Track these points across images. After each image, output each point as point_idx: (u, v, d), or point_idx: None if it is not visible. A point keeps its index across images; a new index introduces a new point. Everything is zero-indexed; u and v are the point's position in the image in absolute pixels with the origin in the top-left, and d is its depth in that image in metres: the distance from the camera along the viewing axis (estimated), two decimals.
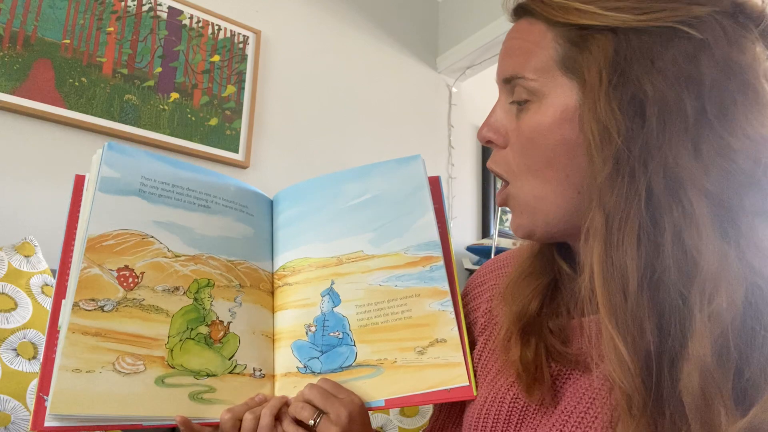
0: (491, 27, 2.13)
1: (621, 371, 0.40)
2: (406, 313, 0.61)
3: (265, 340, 0.64)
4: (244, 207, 0.68)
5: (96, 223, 0.57)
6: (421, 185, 0.67)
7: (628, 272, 0.41)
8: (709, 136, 0.41)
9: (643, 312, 0.40)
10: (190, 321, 0.59)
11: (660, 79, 0.42)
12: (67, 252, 0.58)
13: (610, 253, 0.42)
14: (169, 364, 0.56)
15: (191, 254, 0.62)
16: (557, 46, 0.47)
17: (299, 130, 1.91)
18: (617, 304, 0.41)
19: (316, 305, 0.63)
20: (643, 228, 0.41)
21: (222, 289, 0.62)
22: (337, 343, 0.61)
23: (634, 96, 0.43)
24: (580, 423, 0.47)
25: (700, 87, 0.42)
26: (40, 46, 1.44)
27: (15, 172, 1.38)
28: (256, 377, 0.61)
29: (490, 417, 0.53)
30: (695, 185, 0.40)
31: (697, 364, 0.38)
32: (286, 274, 0.67)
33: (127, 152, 0.62)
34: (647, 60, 0.43)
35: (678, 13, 0.43)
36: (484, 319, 0.62)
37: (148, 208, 0.61)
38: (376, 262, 0.64)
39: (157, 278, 0.59)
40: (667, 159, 0.41)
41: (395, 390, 0.58)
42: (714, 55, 0.42)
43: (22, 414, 0.92)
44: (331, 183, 0.69)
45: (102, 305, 0.55)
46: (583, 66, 0.45)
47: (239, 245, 0.66)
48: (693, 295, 0.39)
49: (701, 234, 0.39)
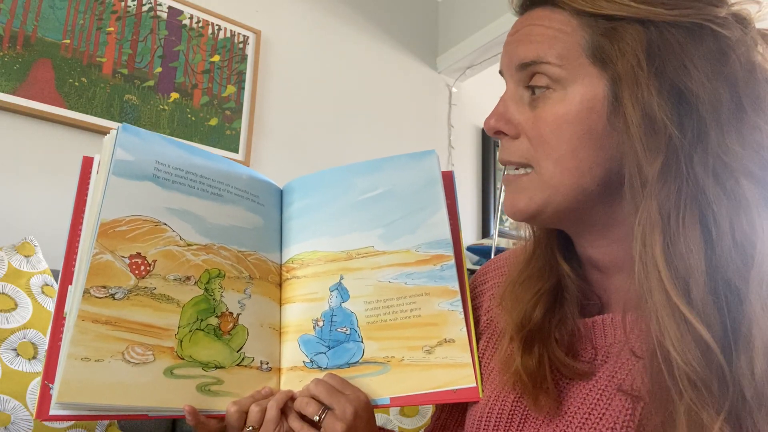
0: (491, 27, 2.13)
1: (694, 354, 0.39)
2: (415, 311, 0.61)
3: (272, 333, 0.63)
4: (256, 197, 0.67)
5: (109, 208, 0.56)
6: (435, 181, 0.66)
7: (694, 259, 0.41)
8: (748, 127, 0.42)
9: (711, 296, 0.40)
10: (201, 312, 0.58)
11: (696, 72, 0.43)
12: (73, 237, 0.57)
13: (672, 242, 0.41)
14: (178, 355, 0.56)
15: (203, 243, 0.61)
16: (585, 35, 0.46)
17: (299, 130, 1.91)
18: (688, 288, 0.40)
19: (324, 300, 0.63)
20: (703, 218, 0.41)
21: (232, 280, 0.62)
22: (345, 339, 0.61)
23: (674, 87, 0.43)
24: (582, 426, 0.47)
25: (733, 81, 0.43)
26: (40, 46, 1.44)
27: (15, 172, 1.38)
28: (263, 370, 0.61)
29: (492, 417, 0.53)
30: (746, 172, 0.41)
31: (761, 347, 0.38)
32: (295, 267, 0.66)
33: (141, 135, 0.60)
34: (682, 54, 0.43)
35: (704, 12, 0.44)
36: (486, 317, 0.62)
37: (162, 195, 0.59)
38: (387, 258, 0.63)
39: (169, 267, 0.58)
40: (717, 148, 0.42)
41: (401, 388, 0.58)
42: (738, 54, 0.43)
43: (22, 414, 0.92)
44: (342, 176, 0.68)
45: (113, 293, 0.54)
46: (615, 56, 0.45)
47: (250, 236, 0.65)
48: (752, 281, 0.39)
49: (754, 220, 0.40)
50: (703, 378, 0.38)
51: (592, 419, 0.47)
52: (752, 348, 0.38)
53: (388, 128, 2.15)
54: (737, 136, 0.42)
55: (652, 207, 0.42)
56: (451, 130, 2.35)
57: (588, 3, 0.46)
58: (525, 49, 0.48)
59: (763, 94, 0.43)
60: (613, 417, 0.45)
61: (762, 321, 0.38)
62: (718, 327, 0.39)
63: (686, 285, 0.40)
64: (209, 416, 0.56)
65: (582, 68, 0.46)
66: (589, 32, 0.46)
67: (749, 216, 0.40)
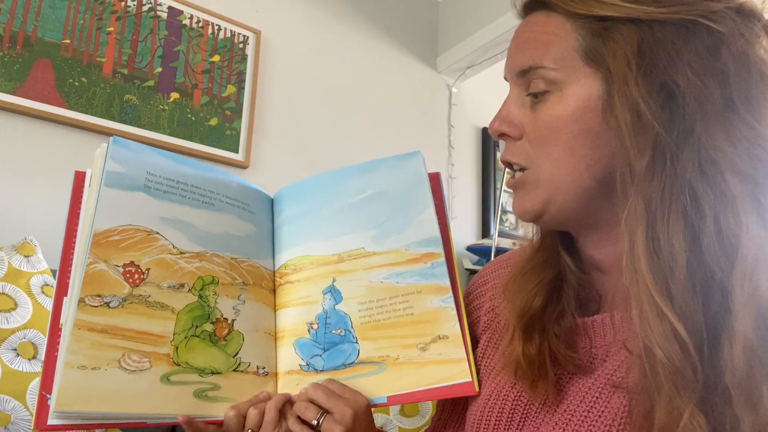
0: (491, 27, 2.13)
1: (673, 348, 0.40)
2: (408, 309, 0.61)
3: (267, 338, 0.64)
4: (247, 205, 0.68)
5: (102, 218, 0.57)
6: (421, 181, 0.67)
7: (676, 253, 0.41)
8: (738, 123, 0.42)
9: (690, 291, 0.41)
10: (195, 318, 0.59)
11: (687, 69, 0.43)
12: (67, 249, 0.58)
13: (655, 236, 0.42)
14: (174, 362, 0.56)
15: (196, 251, 0.62)
16: (578, 37, 0.47)
17: (299, 130, 1.91)
18: (667, 283, 0.41)
19: (318, 303, 0.63)
20: (687, 212, 0.42)
21: (226, 287, 0.62)
22: (339, 341, 0.61)
23: (663, 85, 0.44)
24: (582, 422, 0.47)
25: (725, 78, 0.43)
26: (40, 46, 1.44)
27: (15, 172, 1.38)
28: (259, 375, 0.61)
29: (493, 415, 0.53)
30: (733, 169, 0.41)
31: (741, 340, 0.39)
32: (288, 272, 0.67)
33: (131, 147, 0.62)
34: (672, 51, 0.44)
35: (697, 7, 0.44)
36: (486, 317, 0.62)
37: (154, 204, 0.60)
38: (378, 259, 0.64)
39: (163, 275, 0.58)
40: (704, 144, 0.42)
41: (398, 386, 0.58)
42: (732, 49, 0.43)
43: (22, 414, 0.92)
44: (331, 180, 0.69)
45: (108, 301, 0.55)
46: (607, 56, 0.46)
47: (242, 243, 0.66)
48: (735, 275, 0.40)
49: (740, 216, 0.41)
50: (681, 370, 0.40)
51: (591, 417, 0.47)
52: (733, 341, 0.39)
53: (388, 128, 2.15)
54: (724, 134, 0.42)
55: (639, 203, 0.43)
56: (451, 130, 2.35)
57: (580, 5, 0.47)
58: (522, 56, 0.50)
59: (756, 90, 0.43)
60: (612, 414, 0.46)
61: (744, 315, 0.39)
62: (698, 321, 0.40)
63: (666, 280, 0.41)
64: (207, 422, 0.56)
65: (577, 70, 0.47)
66: (583, 34, 0.47)
67: (735, 212, 0.41)
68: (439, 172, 0.70)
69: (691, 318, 0.40)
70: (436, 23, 2.44)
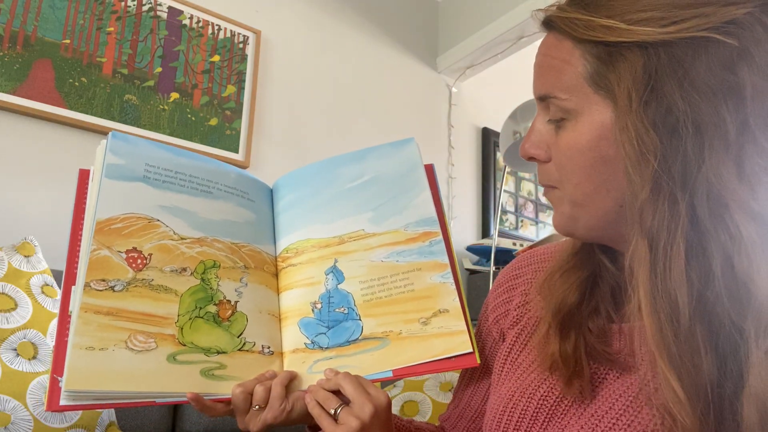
0: (491, 27, 2.13)
1: (678, 408, 0.38)
2: (409, 286, 0.64)
3: (271, 319, 0.65)
4: (245, 193, 0.70)
5: (104, 208, 0.59)
6: (417, 165, 0.70)
7: (679, 302, 0.39)
8: (753, 151, 0.39)
9: (697, 345, 0.38)
10: (199, 300, 0.60)
11: (693, 93, 0.40)
12: (74, 242, 0.60)
13: (657, 282, 0.40)
14: (179, 342, 0.57)
15: (196, 237, 0.63)
16: (586, 63, 0.46)
17: (299, 130, 1.91)
18: (669, 338, 0.39)
19: (321, 283, 0.65)
20: (691, 254, 0.39)
21: (228, 270, 0.64)
22: (343, 318, 0.63)
23: (668, 113, 0.41)
24: (612, 426, 0.46)
25: (740, 98, 0.39)
26: (40, 46, 1.44)
27: (15, 172, 1.38)
28: (265, 354, 0.63)
29: (516, 412, 0.52)
30: (741, 207, 0.38)
31: (755, 401, 0.36)
32: (290, 256, 0.68)
33: (130, 141, 0.64)
34: (678, 74, 0.41)
35: (711, 19, 0.40)
36: (516, 312, 0.61)
37: (153, 194, 0.62)
38: (378, 239, 0.66)
39: (165, 259, 0.60)
40: (709, 179, 0.39)
41: (402, 360, 0.60)
42: (755, 61, 0.39)
43: (22, 414, 0.92)
44: (328, 167, 0.72)
45: (112, 285, 0.57)
46: (613, 83, 0.44)
47: (242, 229, 0.67)
48: (748, 326, 0.37)
49: (752, 259, 0.37)
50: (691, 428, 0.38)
51: (619, 425, 0.46)
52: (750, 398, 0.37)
53: (388, 128, 2.15)
54: (735, 167, 0.39)
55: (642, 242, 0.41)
56: (451, 130, 2.35)
57: (585, 30, 0.45)
58: (539, 83, 0.50)
59: None
60: (642, 426, 0.44)
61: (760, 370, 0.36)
62: (701, 379, 0.38)
63: (667, 335, 0.39)
64: (215, 400, 0.57)
65: (587, 97, 0.46)
66: (590, 60, 0.45)
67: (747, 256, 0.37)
68: (432, 164, 0.72)
69: (695, 376, 0.38)
70: (436, 23, 2.45)
